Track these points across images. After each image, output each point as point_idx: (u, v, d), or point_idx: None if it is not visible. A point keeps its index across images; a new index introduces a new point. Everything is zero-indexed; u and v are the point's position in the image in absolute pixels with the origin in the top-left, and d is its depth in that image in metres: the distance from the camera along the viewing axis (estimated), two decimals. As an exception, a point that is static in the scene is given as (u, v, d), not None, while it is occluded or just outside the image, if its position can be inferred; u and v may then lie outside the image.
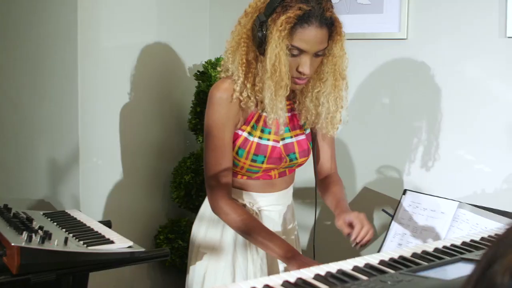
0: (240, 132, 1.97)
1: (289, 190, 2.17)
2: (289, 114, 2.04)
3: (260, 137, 1.97)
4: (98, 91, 2.74)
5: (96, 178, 2.76)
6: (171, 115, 3.18)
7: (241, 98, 1.91)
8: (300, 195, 2.40)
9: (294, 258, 1.79)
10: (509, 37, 2.50)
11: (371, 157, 2.90)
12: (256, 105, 1.95)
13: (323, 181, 2.17)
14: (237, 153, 1.97)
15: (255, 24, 1.84)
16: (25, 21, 2.83)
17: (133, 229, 2.91)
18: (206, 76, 3.00)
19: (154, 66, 3.04)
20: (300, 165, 2.11)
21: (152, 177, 3.08)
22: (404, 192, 2.41)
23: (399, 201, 2.39)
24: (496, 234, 1.66)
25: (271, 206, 2.10)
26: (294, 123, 2.05)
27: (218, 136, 1.94)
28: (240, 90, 1.90)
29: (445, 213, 2.24)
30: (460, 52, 2.64)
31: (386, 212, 2.50)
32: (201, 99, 2.99)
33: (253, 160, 1.97)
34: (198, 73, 3.05)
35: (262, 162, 1.98)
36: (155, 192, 3.10)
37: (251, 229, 1.91)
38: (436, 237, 2.21)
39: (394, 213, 2.38)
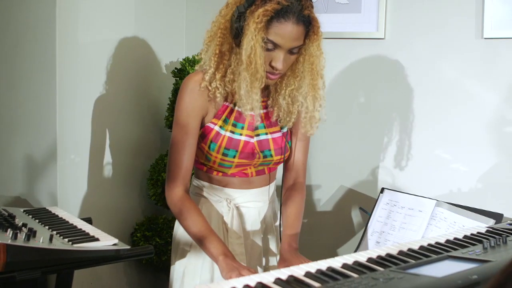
0: (211, 125, 1.97)
1: (270, 188, 2.17)
2: (265, 111, 2.04)
3: (232, 131, 1.97)
4: (76, 88, 2.71)
5: (73, 175, 2.74)
6: (148, 112, 3.16)
7: (210, 88, 1.92)
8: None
9: (225, 261, 1.78)
10: (485, 38, 2.55)
11: (348, 155, 2.92)
12: (226, 99, 1.96)
13: (288, 191, 2.13)
14: (209, 147, 1.97)
15: (233, 15, 1.85)
16: (1, 17, 2.79)
17: (110, 226, 2.88)
18: (184, 74, 3.00)
19: (131, 63, 3.02)
20: (277, 163, 2.10)
21: (129, 174, 3.06)
22: (382, 190, 2.43)
23: (377, 199, 2.41)
24: (478, 233, 1.70)
25: (250, 202, 2.10)
26: (270, 120, 2.05)
27: (182, 125, 1.95)
28: (210, 80, 1.92)
29: (423, 211, 2.27)
30: (437, 52, 2.68)
31: (364, 210, 2.53)
32: (179, 96, 2.98)
33: (224, 154, 1.97)
34: (176, 70, 3.04)
35: (234, 157, 1.98)
36: (132, 189, 3.09)
37: (191, 221, 1.92)
38: (414, 235, 2.24)
39: (372, 211, 2.41)
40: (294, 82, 1.96)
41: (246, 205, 2.10)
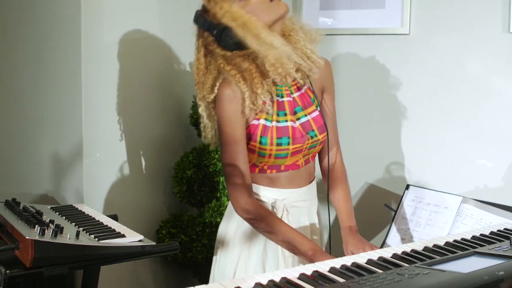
0: (256, 122, 1.95)
1: (313, 185, 2.15)
2: (298, 93, 2.04)
3: (277, 121, 1.96)
4: (101, 87, 2.74)
5: (99, 173, 2.77)
6: (173, 109, 3.18)
7: (246, 105, 1.92)
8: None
9: (317, 257, 1.78)
10: (512, 33, 2.52)
11: (372, 152, 2.91)
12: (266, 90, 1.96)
13: (332, 186, 2.15)
14: (260, 142, 1.95)
15: (203, 33, 2.00)
16: (27, 17, 2.82)
17: (135, 223, 2.89)
18: (208, 71, 3.01)
19: (155, 61, 3.04)
20: (321, 143, 2.08)
21: (154, 172, 3.08)
22: (407, 187, 2.42)
23: (402, 196, 2.40)
24: (505, 229, 1.68)
25: (299, 202, 2.08)
26: (304, 102, 2.04)
27: (230, 133, 1.93)
28: (242, 96, 1.92)
29: (449, 208, 2.25)
30: (462, 47, 2.65)
31: (389, 207, 2.52)
32: (203, 93, 3.00)
33: (278, 144, 1.95)
34: (200, 68, 3.05)
35: (288, 144, 1.96)
36: (157, 186, 3.10)
37: (274, 228, 1.90)
38: (440, 232, 2.23)
39: (397, 208, 2.40)
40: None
41: (295, 204, 2.08)
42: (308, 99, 2.05)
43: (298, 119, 2.01)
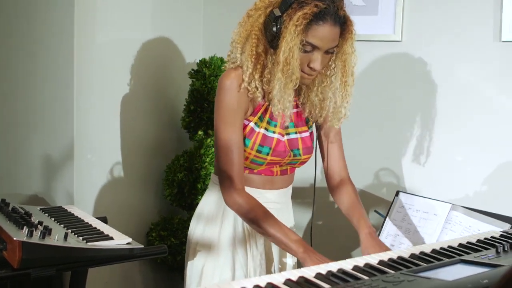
0: (246, 122, 1.99)
1: (288, 190, 2.19)
2: (295, 110, 2.07)
3: (266, 129, 1.99)
4: (93, 88, 2.74)
5: (90, 175, 2.77)
6: (165, 112, 3.18)
7: (249, 88, 1.94)
8: (298, 194, 2.42)
9: (308, 254, 1.80)
10: (503, 41, 2.53)
11: (363, 158, 2.92)
12: (264, 97, 1.99)
13: (338, 188, 2.16)
14: (243, 142, 1.99)
15: (269, 18, 1.87)
16: (20, 17, 2.82)
17: (125, 226, 2.89)
18: (200, 75, 3.01)
19: (148, 63, 3.05)
20: (302, 163, 2.12)
21: (145, 175, 3.08)
22: (397, 193, 2.43)
23: (392, 202, 2.41)
24: (492, 237, 1.69)
25: (270, 203, 2.10)
26: (298, 120, 2.09)
27: (230, 122, 1.95)
28: (249, 80, 1.93)
29: (438, 215, 2.26)
30: (454, 54, 2.66)
31: (379, 213, 2.52)
32: (195, 97, 3.00)
33: (258, 151, 1.98)
34: (193, 71, 3.06)
35: (267, 154, 1.99)
36: (148, 189, 3.11)
37: (265, 222, 1.92)
38: (429, 238, 2.24)
39: (387, 214, 2.41)
40: (327, 79, 2.00)
41: (267, 205, 2.09)
42: (302, 119, 2.10)
43: (287, 134, 2.04)
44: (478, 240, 1.66)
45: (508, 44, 2.54)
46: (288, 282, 1.29)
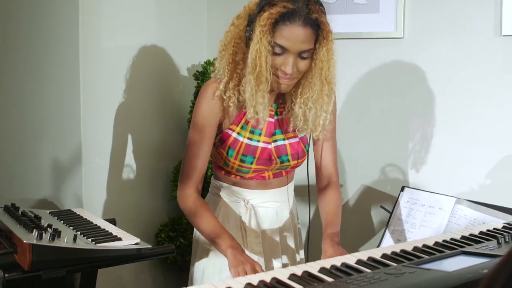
0: (230, 131, 2.00)
1: (288, 188, 2.19)
2: (282, 116, 2.07)
3: (249, 138, 2.00)
4: (100, 92, 2.77)
5: (98, 178, 2.80)
6: (171, 114, 3.21)
7: (224, 97, 1.94)
8: (296, 193, 2.44)
9: (232, 253, 1.81)
10: (504, 36, 2.54)
11: (368, 155, 2.94)
12: (243, 106, 1.97)
13: (323, 192, 2.15)
14: (227, 153, 2.01)
15: (247, 24, 1.88)
16: (26, 23, 2.86)
17: (134, 227, 2.94)
18: (206, 76, 3.04)
19: (154, 67, 3.07)
20: (294, 167, 2.13)
21: (153, 176, 3.11)
22: (402, 188, 2.45)
23: (397, 198, 2.43)
24: (494, 229, 1.71)
25: (267, 203, 2.13)
26: (286, 126, 2.06)
27: (199, 129, 1.99)
28: (224, 89, 1.94)
29: (443, 209, 2.28)
30: (456, 50, 2.68)
31: (384, 209, 2.54)
32: (201, 98, 3.03)
33: (241, 161, 2.00)
34: (197, 73, 3.08)
35: (251, 163, 2.01)
36: (155, 191, 3.13)
37: (199, 218, 1.97)
38: (434, 233, 2.25)
39: (393, 210, 2.42)
40: (309, 90, 1.95)
41: (263, 205, 2.13)
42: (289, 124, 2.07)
43: (275, 141, 2.04)
44: (481, 232, 1.68)
45: (509, 38, 2.55)
46: (292, 276, 1.31)
